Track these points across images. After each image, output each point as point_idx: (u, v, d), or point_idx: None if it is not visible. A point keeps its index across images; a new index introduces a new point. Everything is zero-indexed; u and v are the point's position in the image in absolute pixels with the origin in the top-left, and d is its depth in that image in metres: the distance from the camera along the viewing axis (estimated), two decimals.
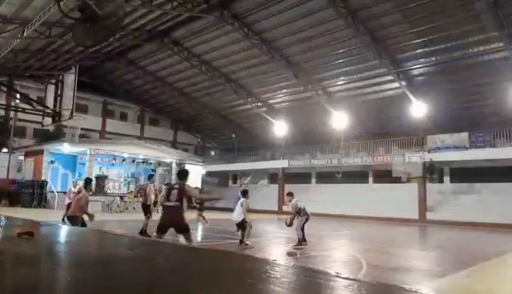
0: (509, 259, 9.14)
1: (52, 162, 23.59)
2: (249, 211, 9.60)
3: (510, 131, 20.03)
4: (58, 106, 9.35)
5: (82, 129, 23.89)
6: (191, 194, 5.88)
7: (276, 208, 25.89)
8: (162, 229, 5.96)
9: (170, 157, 28.16)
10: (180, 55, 24.47)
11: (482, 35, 17.83)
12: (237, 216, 9.50)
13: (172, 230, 6.01)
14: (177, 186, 5.98)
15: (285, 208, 9.83)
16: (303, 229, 9.88)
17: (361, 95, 24.96)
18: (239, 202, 9.63)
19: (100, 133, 32.42)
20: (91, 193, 8.89)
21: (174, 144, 36.14)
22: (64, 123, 13.19)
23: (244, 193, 9.81)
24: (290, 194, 10.29)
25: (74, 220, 7.59)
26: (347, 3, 17.61)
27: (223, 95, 29.02)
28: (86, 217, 7.77)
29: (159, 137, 34.69)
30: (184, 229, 5.91)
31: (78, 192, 11.83)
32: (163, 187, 11.28)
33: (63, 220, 9.78)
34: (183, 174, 6.33)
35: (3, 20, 15.84)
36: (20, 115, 23.65)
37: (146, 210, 10.55)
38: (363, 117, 26.13)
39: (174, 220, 5.87)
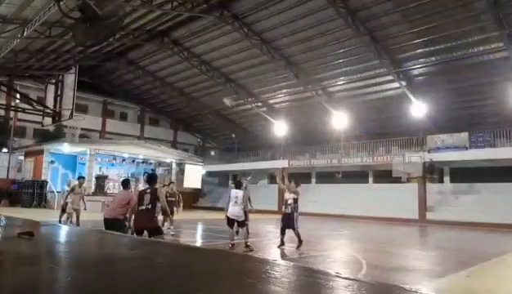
0: (509, 259, 9.13)
1: (52, 162, 23.62)
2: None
3: (510, 131, 20.04)
4: (58, 106, 9.32)
5: (82, 129, 23.73)
6: (160, 199, 6.00)
7: (275, 208, 25.86)
8: (138, 233, 5.94)
9: (170, 157, 28.17)
10: (180, 55, 24.46)
11: (482, 35, 17.83)
12: (239, 212, 8.55)
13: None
14: (148, 191, 6.03)
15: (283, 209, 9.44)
16: (283, 230, 9.32)
17: (361, 95, 24.94)
18: (238, 196, 8.60)
19: (100, 133, 32.41)
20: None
21: (174, 144, 36.14)
22: (64, 123, 13.15)
23: (239, 185, 8.91)
24: (297, 184, 9.46)
25: (116, 223, 6.25)
26: (347, 3, 17.60)
27: (223, 95, 28.98)
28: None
29: (159, 137, 34.70)
30: (156, 232, 5.88)
31: (72, 189, 11.41)
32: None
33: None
34: (153, 179, 6.40)
35: (3, 19, 15.83)
36: (20, 115, 23.68)
37: None
38: (363, 117, 26.14)
39: (146, 223, 5.88)
